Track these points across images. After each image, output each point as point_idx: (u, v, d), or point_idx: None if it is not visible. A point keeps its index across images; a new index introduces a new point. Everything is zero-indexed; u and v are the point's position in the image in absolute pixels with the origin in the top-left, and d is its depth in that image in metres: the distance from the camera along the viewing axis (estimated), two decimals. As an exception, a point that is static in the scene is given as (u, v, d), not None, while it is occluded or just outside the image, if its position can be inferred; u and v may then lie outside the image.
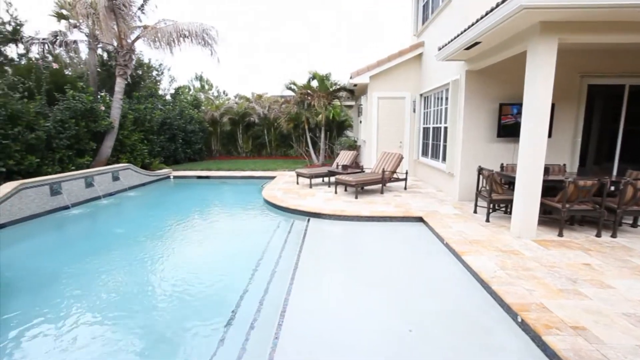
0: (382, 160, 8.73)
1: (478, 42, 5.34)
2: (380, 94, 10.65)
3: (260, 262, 4.58)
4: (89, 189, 8.42)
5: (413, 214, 6.29)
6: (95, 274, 4.42)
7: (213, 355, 2.68)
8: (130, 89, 14.01)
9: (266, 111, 17.35)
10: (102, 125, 10.31)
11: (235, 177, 11.88)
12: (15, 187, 6.55)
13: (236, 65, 43.35)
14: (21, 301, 3.69)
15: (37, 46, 11.82)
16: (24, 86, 9.18)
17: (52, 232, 6.40)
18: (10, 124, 7.85)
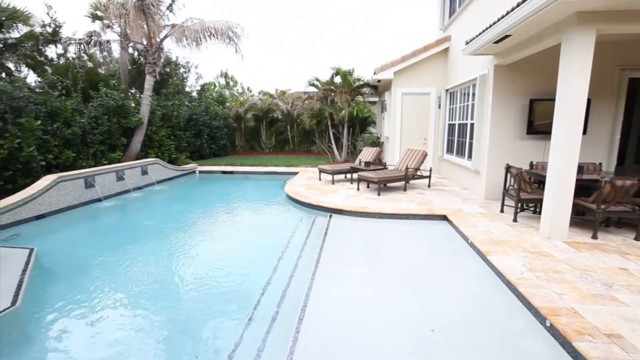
0: (405, 157, 8.60)
1: (508, 35, 5.13)
2: (405, 90, 10.46)
3: (282, 256, 4.64)
4: (119, 183, 8.80)
5: (437, 212, 6.17)
6: (125, 263, 4.63)
7: (236, 346, 2.75)
8: (158, 86, 14.47)
9: (289, 107, 17.46)
10: (132, 121, 10.73)
11: (259, 172, 12.06)
12: (54, 180, 6.94)
13: (260, 61, 43.82)
14: (59, 286, 3.93)
15: (74, 46, 12.40)
16: (62, 84, 9.68)
17: (86, 223, 6.74)
18: (50, 120, 8.32)
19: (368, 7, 57.85)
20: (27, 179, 7.60)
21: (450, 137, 9.63)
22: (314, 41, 51.57)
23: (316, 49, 49.63)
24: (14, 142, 7.25)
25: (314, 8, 58.34)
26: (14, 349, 2.85)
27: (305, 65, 44.55)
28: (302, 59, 46.56)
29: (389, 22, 54.51)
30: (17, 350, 2.84)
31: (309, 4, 57.50)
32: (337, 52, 47.27)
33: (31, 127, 7.61)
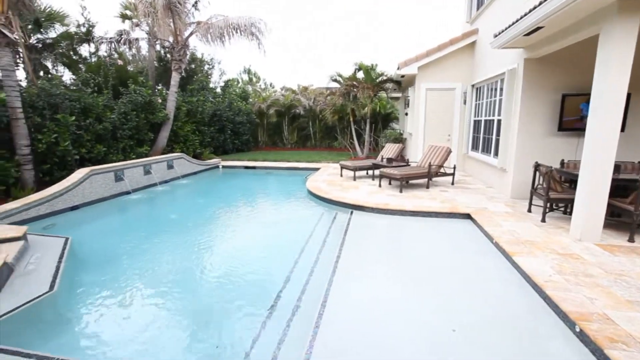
0: (429, 154, 8.43)
1: (540, 27, 4.90)
2: (429, 85, 10.23)
3: (302, 251, 4.68)
4: (147, 176, 9.12)
5: (460, 210, 6.02)
6: (151, 254, 4.81)
7: (256, 339, 2.80)
8: (184, 82, 14.83)
9: (311, 103, 17.48)
10: (159, 116, 11.07)
11: (280, 168, 12.17)
12: (86, 173, 7.28)
13: (283, 57, 44.03)
14: (91, 273, 4.13)
15: (105, 45, 12.88)
16: (94, 82, 10.10)
17: (116, 215, 7.04)
18: (83, 116, 8.71)
19: (392, 3, 56.78)
20: (62, 171, 8.00)
21: (476, 134, 9.36)
22: (336, 36, 51.24)
23: (339, 43, 49.33)
24: (52, 137, 7.65)
25: (339, 3, 57.88)
26: (52, 330, 3.03)
27: (329, 60, 44.40)
28: (327, 54, 46.42)
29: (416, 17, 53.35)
30: (54, 331, 3.01)
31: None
32: (360, 47, 46.81)
33: (66, 122, 8.00)
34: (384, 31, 52.62)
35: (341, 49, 47.34)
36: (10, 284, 3.62)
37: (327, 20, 54.53)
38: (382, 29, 53.16)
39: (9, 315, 3.11)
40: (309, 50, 48.07)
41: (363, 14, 56.05)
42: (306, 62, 45.33)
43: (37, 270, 3.97)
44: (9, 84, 6.98)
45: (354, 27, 54.17)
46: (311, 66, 43.95)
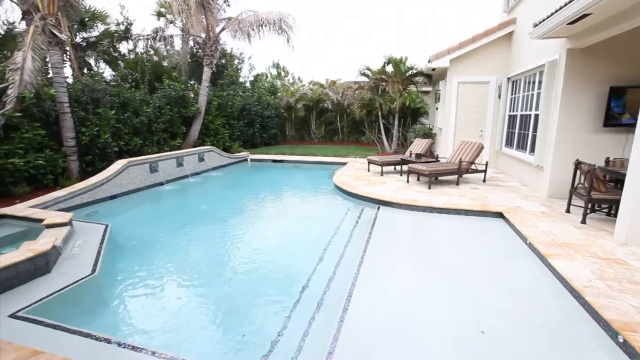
0: (459, 150, 8.17)
1: (587, 15, 4.57)
2: (461, 79, 9.87)
3: (328, 245, 4.70)
4: (179, 168, 9.47)
5: (491, 208, 5.80)
6: (183, 243, 5.01)
7: (281, 329, 2.86)
8: (215, 77, 15.20)
9: (339, 97, 17.38)
10: (191, 110, 11.44)
11: (308, 162, 12.24)
12: (124, 164, 7.68)
13: (311, 51, 43.99)
14: (128, 259, 4.37)
15: (142, 42, 13.44)
16: (132, 77, 10.58)
17: (150, 204, 7.38)
18: (122, 110, 9.16)
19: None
20: (103, 163, 8.48)
21: (511, 130, 8.94)
22: (366, 29, 50.47)
23: (369, 37, 48.58)
24: (94, 130, 8.11)
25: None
26: (93, 310, 3.25)
27: (358, 54, 43.89)
28: (356, 48, 45.91)
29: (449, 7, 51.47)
30: (95, 311, 3.22)
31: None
32: (390, 40, 45.86)
33: (107, 116, 8.45)
34: (415, 24, 51.21)
35: (371, 42, 46.60)
36: (59, 265, 3.91)
37: (356, 14, 53.76)
38: (413, 22, 51.77)
39: (58, 294, 3.36)
40: (338, 44, 47.71)
41: (393, 4, 54.77)
42: (334, 57, 45.06)
43: (81, 254, 4.25)
44: (57, 80, 7.46)
45: (384, 20, 53.09)
46: (339, 60, 43.62)
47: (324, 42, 46.81)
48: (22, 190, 6.57)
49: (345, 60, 44.21)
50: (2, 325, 2.85)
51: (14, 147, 6.48)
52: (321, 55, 44.79)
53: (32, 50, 6.81)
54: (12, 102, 6.32)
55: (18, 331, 2.77)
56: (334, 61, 43.63)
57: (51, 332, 2.79)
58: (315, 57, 43.58)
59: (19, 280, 3.45)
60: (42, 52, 7.29)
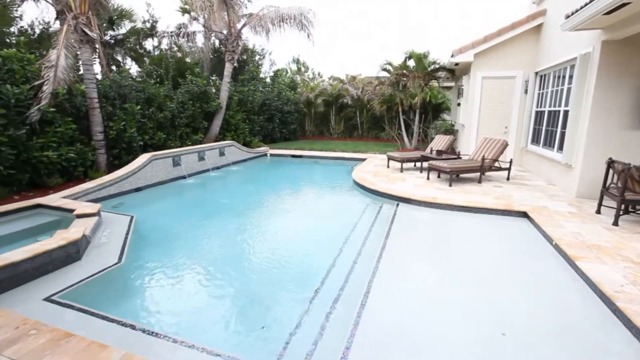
0: (482, 147, 7.95)
1: (626, 3, 4.31)
2: (486, 73, 9.58)
3: (346, 241, 4.69)
4: (200, 162, 9.68)
5: (515, 207, 5.63)
6: (204, 235, 5.13)
7: (299, 323, 2.89)
8: (236, 72, 15.39)
9: (359, 93, 17.24)
10: (212, 105, 11.64)
11: (327, 157, 12.24)
12: (149, 158, 7.92)
13: (331, 46, 43.77)
14: (151, 249, 4.52)
15: (166, 39, 13.76)
16: (156, 73, 10.87)
17: (173, 197, 7.59)
18: (147, 105, 9.43)
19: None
20: (129, 156, 8.77)
21: (537, 126, 8.62)
22: (387, 24, 49.65)
23: (390, 31, 47.79)
24: (121, 124, 8.40)
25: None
26: (119, 297, 3.38)
27: (379, 49, 43.31)
28: (377, 43, 45.32)
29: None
30: (121, 298, 3.36)
31: (384, -16, 55.12)
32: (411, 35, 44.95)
33: (133, 111, 8.73)
34: (438, 18, 49.96)
35: (392, 37, 45.87)
36: (88, 253, 4.09)
37: (378, 8, 52.95)
38: (435, 15, 50.52)
39: (88, 280, 3.53)
40: (358, 39, 47.22)
41: (397, 3, 53.54)
42: (355, 52, 44.63)
43: (108, 243, 4.44)
44: (88, 77, 7.76)
45: (406, 15, 52.07)
46: (360, 55, 43.19)
47: (345, 38, 46.44)
48: (55, 181, 6.90)
49: (366, 55, 43.73)
50: (38, 307, 3.03)
51: (48, 140, 6.80)
52: (342, 51, 44.50)
53: (65, 48, 7.10)
54: (47, 97, 6.62)
55: (51, 314, 2.93)
56: (355, 57, 43.24)
57: (81, 316, 2.94)
58: (336, 52, 43.35)
59: (53, 266, 3.65)
60: (74, 49, 7.58)
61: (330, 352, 2.50)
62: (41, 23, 10.92)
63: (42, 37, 10.45)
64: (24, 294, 3.25)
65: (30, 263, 3.44)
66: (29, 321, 2.58)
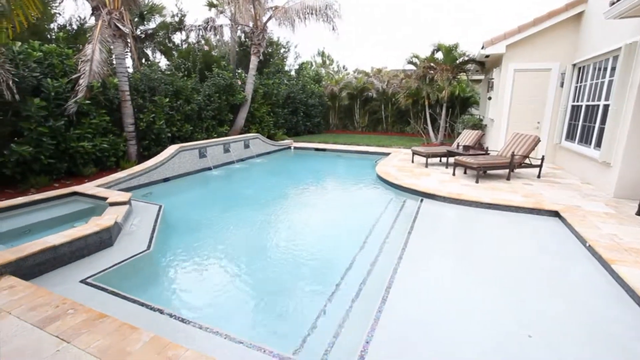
0: (512, 143, 7.64)
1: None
2: (518, 66, 9.15)
3: (369, 236, 4.67)
4: (225, 154, 9.88)
5: (546, 206, 5.39)
6: (228, 225, 5.25)
7: (319, 315, 2.92)
8: (261, 65, 15.50)
9: (385, 86, 16.97)
10: (238, 98, 11.81)
11: (350, 151, 12.17)
12: (176, 150, 8.17)
13: (357, 39, 43.18)
14: (178, 238, 4.69)
15: (194, 32, 14.03)
16: (184, 66, 11.13)
17: (199, 188, 7.80)
18: (175, 98, 9.69)
19: (480, -29, 51.32)
20: (157, 147, 9.07)
21: (573, 121, 8.18)
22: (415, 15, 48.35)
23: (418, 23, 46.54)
24: (150, 117, 8.69)
25: (417, -22, 54.25)
26: (148, 282, 3.54)
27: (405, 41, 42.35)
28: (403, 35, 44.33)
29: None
30: (149, 283, 3.52)
31: (412, -26, 53.66)
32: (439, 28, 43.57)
33: (162, 103, 9.00)
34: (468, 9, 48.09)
35: (420, 29, 44.67)
36: (120, 240, 4.30)
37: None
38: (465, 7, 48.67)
39: (119, 265, 3.71)
40: (385, 31, 46.30)
41: None
42: (381, 44, 43.85)
43: (138, 231, 4.63)
44: (120, 70, 8.06)
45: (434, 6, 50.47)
46: (386, 48, 42.39)
47: (371, 30, 45.66)
48: (89, 170, 7.26)
49: (392, 48, 42.85)
50: (75, 289, 3.22)
51: (84, 131, 7.15)
52: (368, 44, 43.81)
53: (100, 43, 7.39)
54: (83, 90, 6.94)
55: (86, 295, 3.11)
56: (381, 49, 42.47)
57: (113, 298, 3.10)
58: (362, 45, 42.72)
59: (88, 250, 3.86)
60: (108, 44, 7.88)
61: (350, 345, 2.51)
62: (78, 19, 11.41)
63: (79, 32, 10.93)
64: (62, 275, 3.47)
65: (68, 247, 3.65)
66: (67, 301, 2.75)
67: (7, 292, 2.86)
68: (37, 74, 6.56)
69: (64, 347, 2.25)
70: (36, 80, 6.53)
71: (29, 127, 6.18)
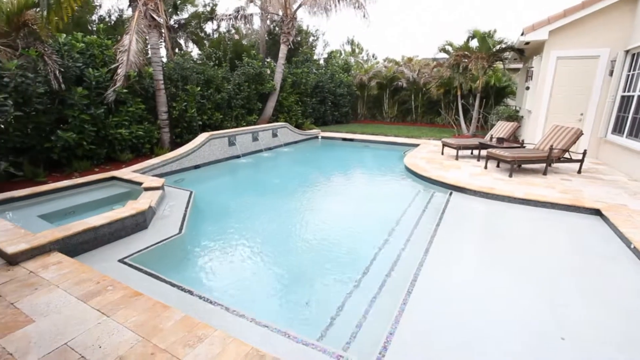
0: (551, 135, 7.22)
1: None
2: (562, 53, 8.57)
3: (395, 228, 4.62)
4: (254, 143, 10.04)
5: (585, 204, 5.09)
6: (256, 212, 5.36)
7: (343, 304, 2.94)
8: (290, 54, 15.48)
9: (415, 75, 16.47)
10: (267, 87, 11.90)
11: (378, 142, 11.99)
12: (207, 137, 8.39)
13: (388, 27, 42.06)
14: (207, 223, 4.86)
15: (225, 22, 14.21)
16: (215, 56, 11.32)
17: (228, 175, 8.00)
18: (206, 86, 9.92)
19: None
20: (189, 135, 9.36)
21: (622, 113, 7.59)
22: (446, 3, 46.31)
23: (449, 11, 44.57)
24: (182, 105, 8.96)
25: (454, -40, 51.72)
26: (179, 264, 3.70)
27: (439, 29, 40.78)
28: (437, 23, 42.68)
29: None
30: (180, 265, 3.68)
31: (448, -44, 51.13)
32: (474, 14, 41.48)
33: (194, 92, 9.24)
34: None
35: (454, 15, 42.79)
36: (153, 223, 4.51)
37: None
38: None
39: (153, 247, 3.91)
40: (416, 19, 44.74)
41: None
42: (413, 32, 42.46)
43: (171, 215, 4.84)
44: (155, 60, 8.34)
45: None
46: (418, 36, 41.03)
47: (403, 17, 44.26)
48: (126, 156, 7.62)
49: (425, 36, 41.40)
50: (113, 267, 3.43)
51: (121, 119, 7.50)
52: (399, 32, 42.58)
53: (136, 34, 7.65)
54: (121, 79, 7.26)
55: (124, 273, 3.30)
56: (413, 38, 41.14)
57: (147, 278, 3.27)
58: (393, 33, 41.57)
59: (125, 232, 4.08)
60: (144, 34, 8.16)
61: (374, 336, 2.52)
62: (116, 10, 11.87)
63: (117, 23, 11.38)
64: (102, 254, 3.70)
65: (107, 228, 3.88)
66: (106, 278, 2.94)
67: (55, 267, 3.10)
68: (80, 64, 6.93)
69: (104, 320, 2.41)
70: (79, 70, 6.90)
71: (72, 114, 6.56)
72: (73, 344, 2.19)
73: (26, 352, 2.12)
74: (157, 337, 2.23)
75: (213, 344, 2.17)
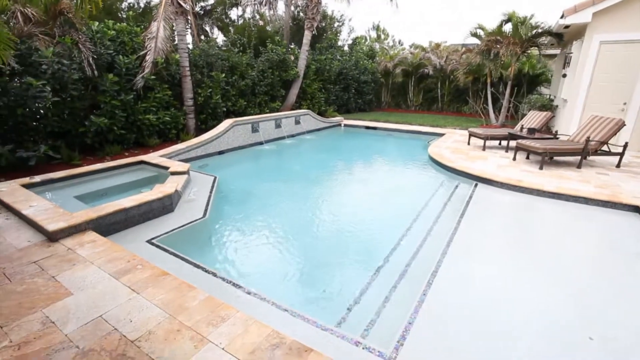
0: (588, 126, 6.83)
1: None
2: (606, 37, 7.99)
3: (417, 218, 4.56)
4: (277, 130, 10.09)
5: (623, 200, 4.81)
6: (277, 198, 5.43)
7: (362, 293, 2.95)
8: (314, 40, 15.29)
9: (443, 62, 15.91)
10: (290, 74, 11.86)
11: (402, 130, 11.76)
12: (231, 124, 8.51)
13: (415, 13, 40.61)
14: (230, 207, 4.97)
15: (250, 7, 14.17)
16: (240, 42, 11.35)
17: (251, 161, 8.12)
18: (230, 73, 10.00)
19: None
20: (214, 121, 9.52)
21: (670, 103, 7.05)
22: (482, -19, 44.00)
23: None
24: (207, 91, 9.10)
25: (489, -61, 48.79)
26: (203, 247, 3.83)
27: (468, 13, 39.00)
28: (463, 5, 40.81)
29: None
30: (204, 248, 3.80)
31: None
32: None
33: (218, 79, 9.35)
34: (548, -30, 42.58)
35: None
36: (179, 207, 4.66)
37: (473, -37, 47.02)
38: (545, -33, 43.10)
39: (179, 230, 4.05)
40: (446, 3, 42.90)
41: None
42: (441, 19, 40.81)
43: (196, 199, 4.98)
44: (181, 46, 8.46)
45: (507, -32, 45.36)
46: (447, 23, 39.42)
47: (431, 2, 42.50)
48: (154, 142, 7.87)
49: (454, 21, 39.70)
50: (141, 247, 3.59)
51: (149, 105, 7.72)
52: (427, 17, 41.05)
53: (164, 20, 7.78)
54: (149, 66, 7.44)
55: (151, 254, 3.45)
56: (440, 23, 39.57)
57: (173, 259, 3.41)
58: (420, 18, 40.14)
59: (153, 215, 4.25)
60: (170, 21, 8.27)
61: (392, 324, 2.52)
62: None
63: (145, 10, 11.59)
64: (131, 234, 3.88)
65: (136, 210, 4.05)
66: (136, 257, 3.08)
67: (90, 245, 3.28)
68: (111, 51, 7.14)
69: (134, 296, 2.54)
70: (110, 57, 7.11)
71: (104, 100, 6.81)
72: (107, 316, 2.33)
73: (66, 321, 2.27)
74: (183, 315, 2.33)
75: (235, 324, 2.24)
